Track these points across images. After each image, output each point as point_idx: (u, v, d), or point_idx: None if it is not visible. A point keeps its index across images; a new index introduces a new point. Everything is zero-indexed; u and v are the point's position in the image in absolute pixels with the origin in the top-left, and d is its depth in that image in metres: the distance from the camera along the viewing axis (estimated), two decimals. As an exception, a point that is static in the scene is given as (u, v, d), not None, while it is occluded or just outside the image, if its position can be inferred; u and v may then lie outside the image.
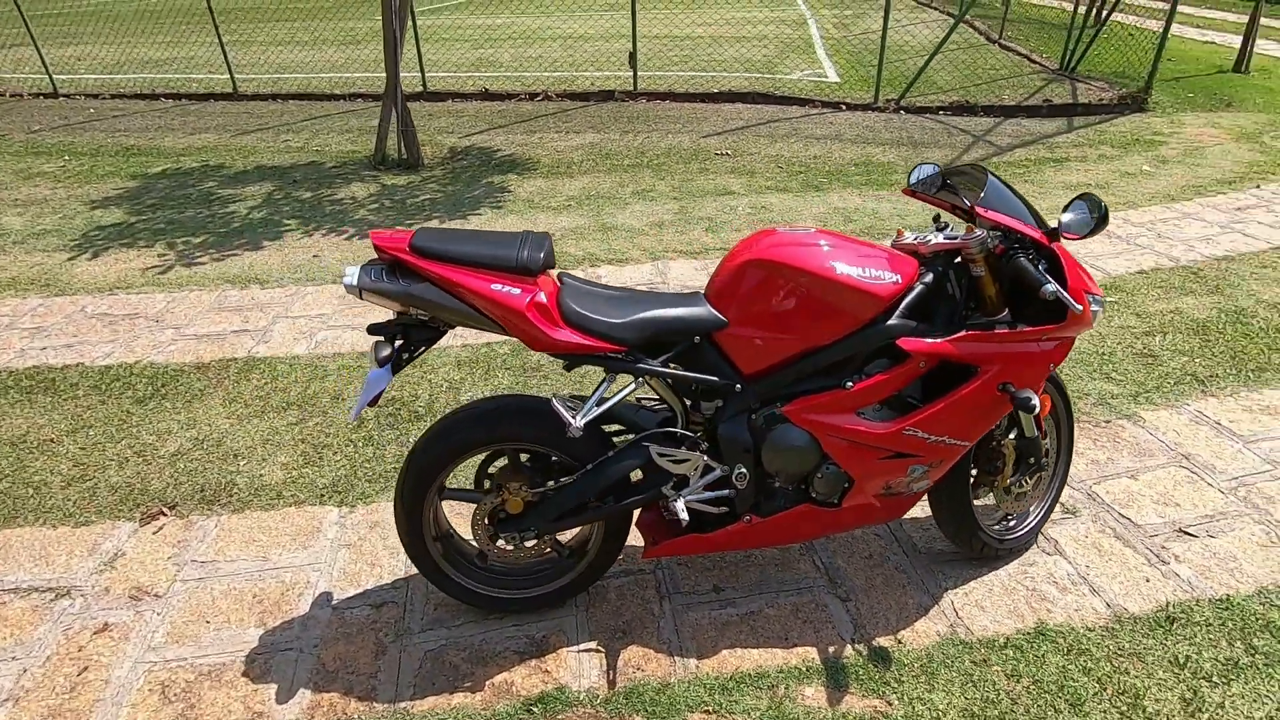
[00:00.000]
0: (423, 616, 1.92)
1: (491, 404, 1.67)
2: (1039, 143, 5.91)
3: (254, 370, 3.05)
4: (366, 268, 1.53)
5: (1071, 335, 1.70)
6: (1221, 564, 2.01)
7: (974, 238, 1.61)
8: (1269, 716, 1.61)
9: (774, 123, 6.58)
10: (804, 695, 1.69)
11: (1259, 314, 3.29)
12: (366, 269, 1.52)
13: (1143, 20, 7.65)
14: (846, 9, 14.60)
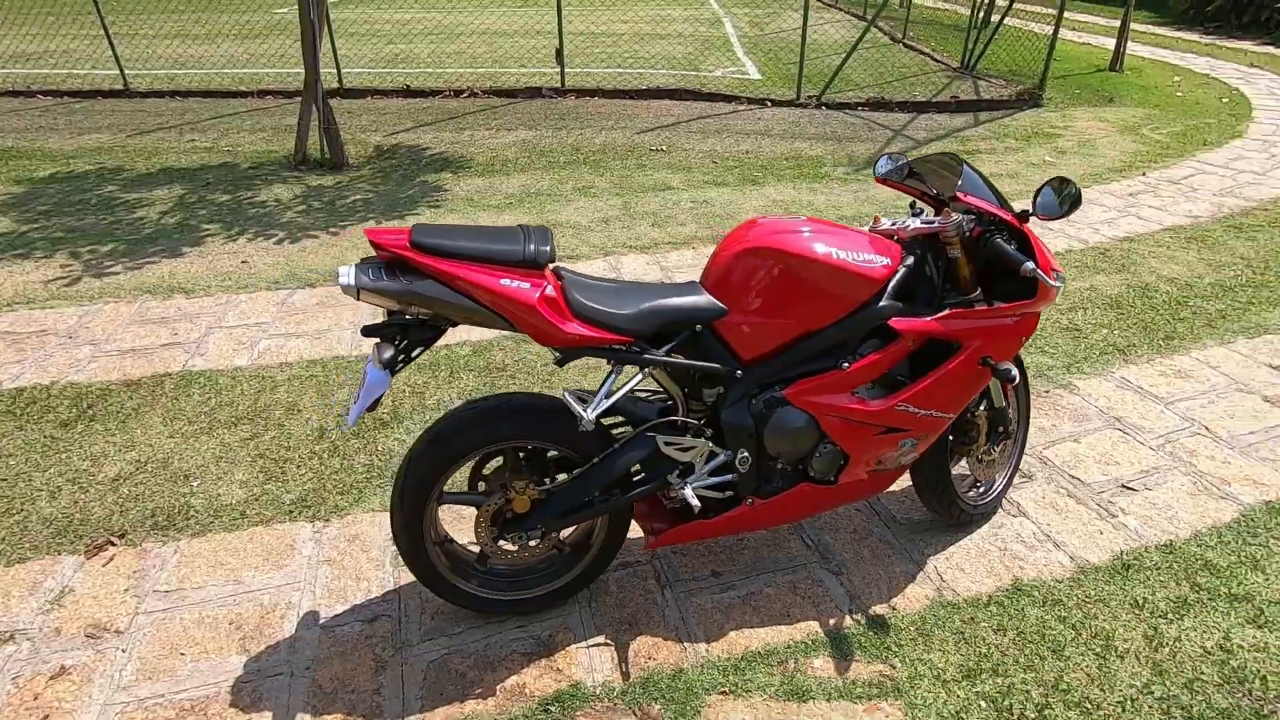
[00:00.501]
0: (420, 627, 1.86)
1: (493, 402, 1.63)
2: (951, 136, 6.29)
3: (193, 385, 2.85)
4: (363, 266, 1.46)
5: (1039, 310, 1.84)
6: (1161, 513, 2.21)
7: (951, 222, 1.71)
8: (1218, 644, 1.79)
9: (704, 119, 6.70)
10: (813, 667, 1.74)
11: (1160, 288, 3.63)
12: (363, 267, 1.45)
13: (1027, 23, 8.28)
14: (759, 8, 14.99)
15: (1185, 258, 3.96)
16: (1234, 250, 4.04)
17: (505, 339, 3.17)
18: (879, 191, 5.01)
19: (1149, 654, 1.77)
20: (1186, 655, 1.76)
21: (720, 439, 1.73)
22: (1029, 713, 1.63)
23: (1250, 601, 1.91)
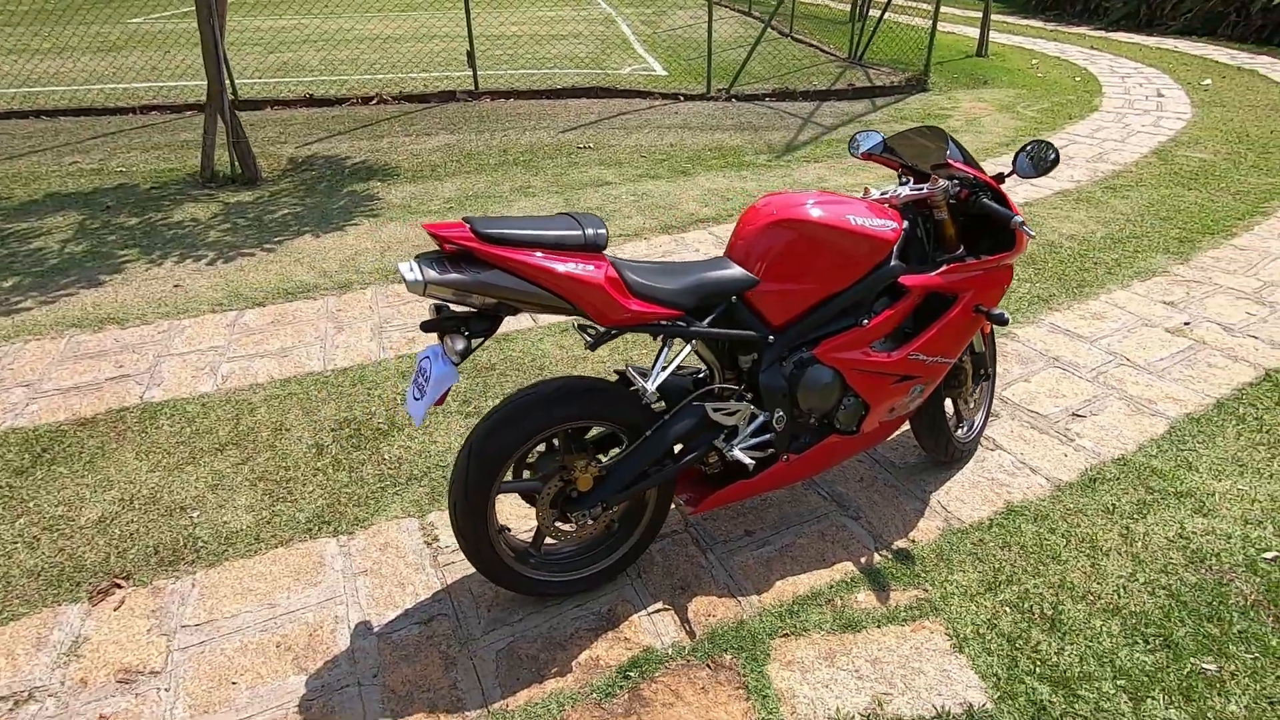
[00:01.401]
0: (479, 620, 1.87)
1: (551, 386, 1.67)
2: (854, 121, 6.73)
3: (159, 416, 2.67)
4: (426, 261, 1.47)
5: (1014, 260, 2.08)
6: (1108, 433, 2.54)
7: (938, 187, 1.92)
8: (1177, 533, 2.10)
9: (624, 115, 6.82)
10: (857, 601, 1.90)
11: (1064, 244, 4.09)
12: (427, 262, 1.46)
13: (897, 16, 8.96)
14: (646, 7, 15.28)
15: (1078, 216, 4.47)
16: (1115, 208, 4.60)
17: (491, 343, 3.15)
18: (803, 175, 5.31)
19: (1127, 549, 2.05)
20: (1156, 546, 2.06)
21: (759, 401, 1.85)
22: (1046, 610, 1.85)
23: (1193, 496, 2.24)
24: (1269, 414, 2.62)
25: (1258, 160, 5.38)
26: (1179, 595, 1.89)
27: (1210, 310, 3.34)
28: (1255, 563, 1.99)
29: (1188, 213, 4.46)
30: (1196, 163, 5.36)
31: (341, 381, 2.88)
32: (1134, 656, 1.72)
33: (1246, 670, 1.68)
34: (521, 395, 1.68)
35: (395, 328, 3.27)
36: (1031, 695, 1.64)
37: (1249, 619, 1.82)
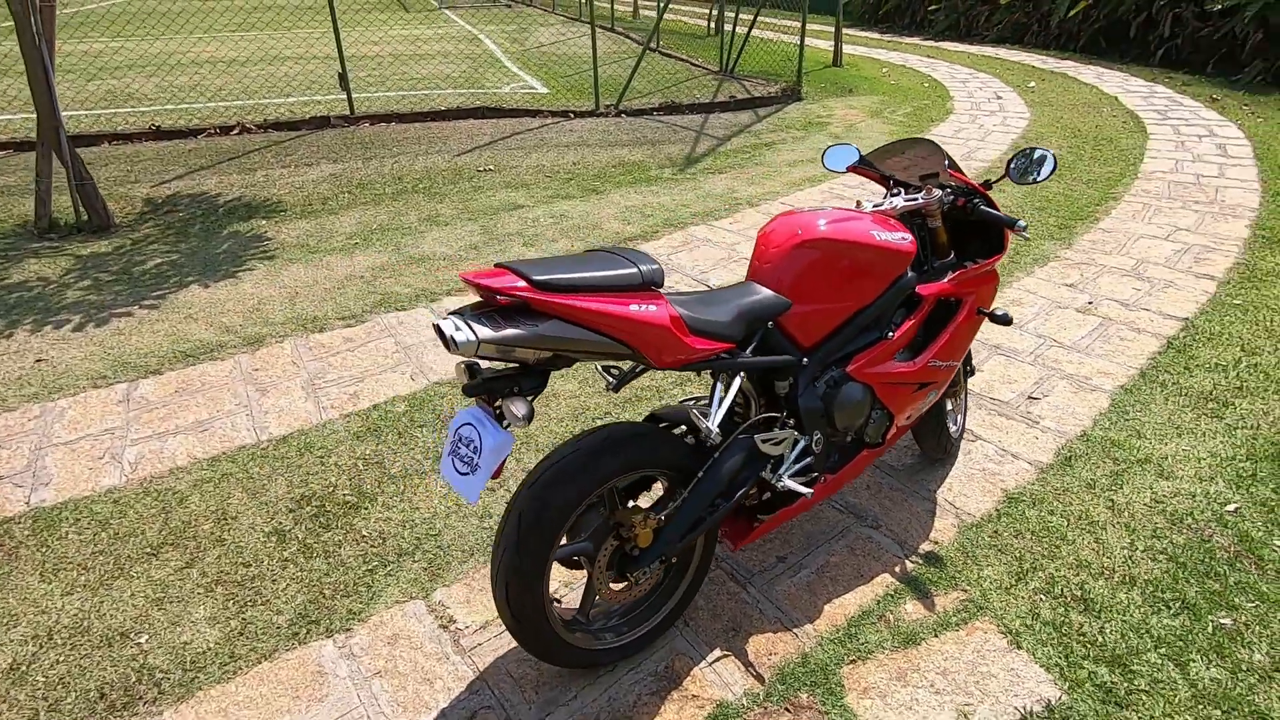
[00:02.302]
0: (530, 706, 1.67)
1: (599, 437, 1.52)
2: (745, 132, 6.95)
3: (58, 524, 2.21)
4: (472, 317, 1.28)
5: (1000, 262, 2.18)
6: (1064, 412, 2.74)
7: (933, 197, 1.97)
8: (1152, 499, 2.28)
9: (518, 135, 6.62)
10: (907, 613, 1.90)
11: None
12: (474, 319, 1.28)
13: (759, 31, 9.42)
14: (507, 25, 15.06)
15: (969, 212, 4.86)
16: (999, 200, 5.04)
17: (439, 389, 2.90)
18: (712, 186, 5.39)
19: (1118, 520, 2.20)
20: (1140, 513, 2.23)
21: (800, 426, 1.80)
22: (1075, 592, 1.94)
23: (1151, 461, 2.46)
24: (1182, 378, 2.93)
25: (1095, 152, 6.12)
26: (1176, 558, 2.05)
27: (1104, 289, 3.73)
28: (1223, 517, 2.20)
29: (1057, 202, 4.98)
30: (1047, 157, 6.01)
31: (284, 453, 2.52)
32: (1164, 623, 1.84)
33: (1256, 619, 1.84)
34: (569, 450, 1.52)
35: (331, 383, 2.93)
36: (1095, 679, 1.70)
37: (1238, 570, 2.00)
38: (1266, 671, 1.71)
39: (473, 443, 1.37)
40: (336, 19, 6.42)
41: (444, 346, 1.29)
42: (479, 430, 1.36)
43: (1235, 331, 3.26)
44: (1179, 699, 1.65)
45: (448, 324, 1.27)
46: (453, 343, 1.25)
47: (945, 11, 13.90)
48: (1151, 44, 10.37)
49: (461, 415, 1.42)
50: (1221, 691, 1.66)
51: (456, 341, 1.24)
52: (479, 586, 1.99)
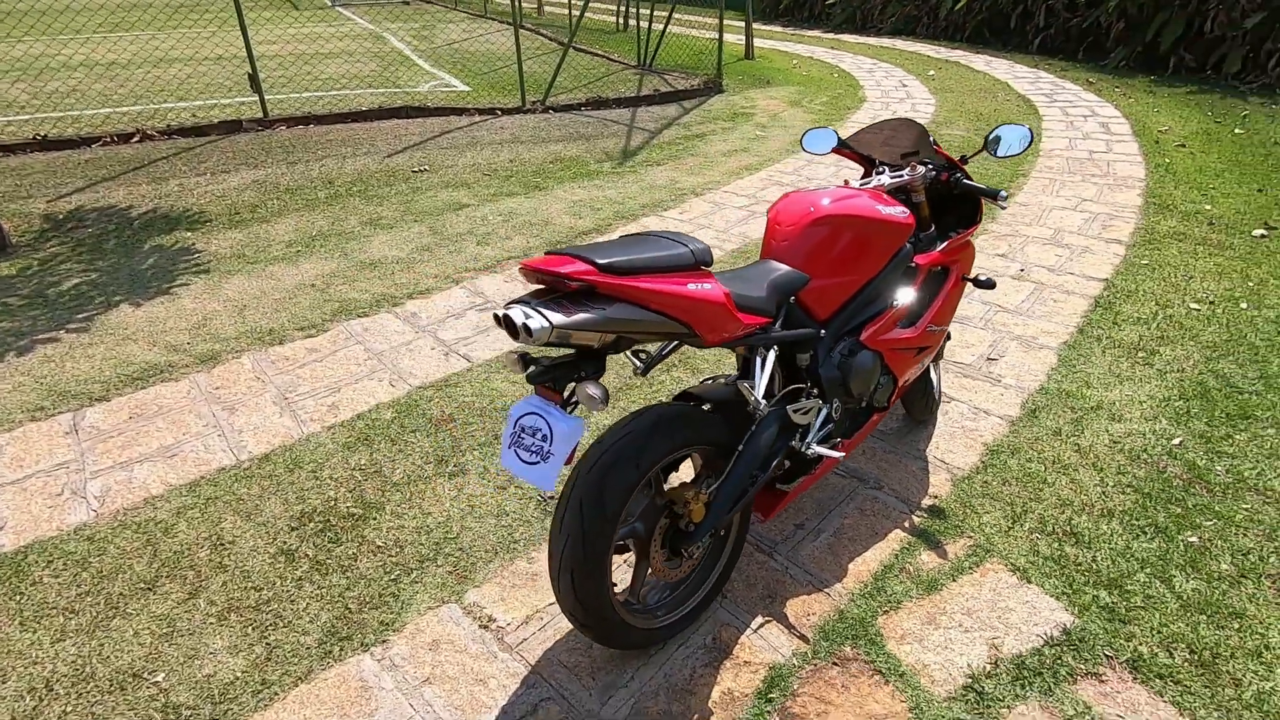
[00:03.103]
0: (590, 692, 1.68)
1: (649, 418, 1.54)
2: (675, 124, 7.06)
3: (28, 569, 2.01)
4: (534, 304, 1.28)
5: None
6: (1020, 370, 2.97)
7: (918, 174, 2.10)
8: (1111, 440, 2.53)
9: (448, 134, 6.45)
10: (924, 562, 2.03)
11: (901, 217, 4.68)
12: (535, 305, 1.27)
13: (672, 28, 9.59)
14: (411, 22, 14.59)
15: (899, 192, 5.15)
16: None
17: (424, 394, 2.82)
18: (655, 178, 5.45)
19: (1085, 461, 2.42)
20: (1103, 453, 2.46)
21: (822, 395, 1.88)
22: (1064, 528, 2.13)
23: (1101, 406, 2.72)
24: (1113, 332, 3.24)
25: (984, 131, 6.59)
26: (1141, 489, 2.28)
27: (1032, 257, 4.05)
28: (1172, 450, 2.46)
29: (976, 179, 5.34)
30: (959, 139, 6.43)
31: (271, 471, 2.39)
32: (1143, 546, 2.05)
33: (1216, 534, 2.08)
34: (623, 434, 1.53)
35: (305, 395, 2.79)
36: (1098, 601, 1.88)
37: (1193, 495, 2.25)
38: (1234, 578, 1.94)
39: (539, 431, 1.36)
40: (243, 16, 6.04)
41: (510, 336, 1.28)
42: (547, 418, 1.36)
43: (1148, 288, 3.62)
44: (1170, 609, 1.85)
45: (516, 312, 1.26)
46: (525, 330, 1.24)
47: (842, 5, 14.55)
48: (1029, 33, 11.25)
49: (522, 405, 1.41)
50: (1202, 599, 1.87)
51: (531, 329, 1.24)
52: (510, 584, 1.97)
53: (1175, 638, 1.77)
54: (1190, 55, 8.99)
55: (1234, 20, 8.36)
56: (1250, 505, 2.19)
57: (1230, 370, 2.91)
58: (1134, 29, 9.59)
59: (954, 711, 1.62)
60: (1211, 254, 3.98)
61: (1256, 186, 4.98)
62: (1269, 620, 1.80)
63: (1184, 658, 1.72)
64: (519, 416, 1.40)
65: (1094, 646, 1.75)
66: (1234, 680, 1.66)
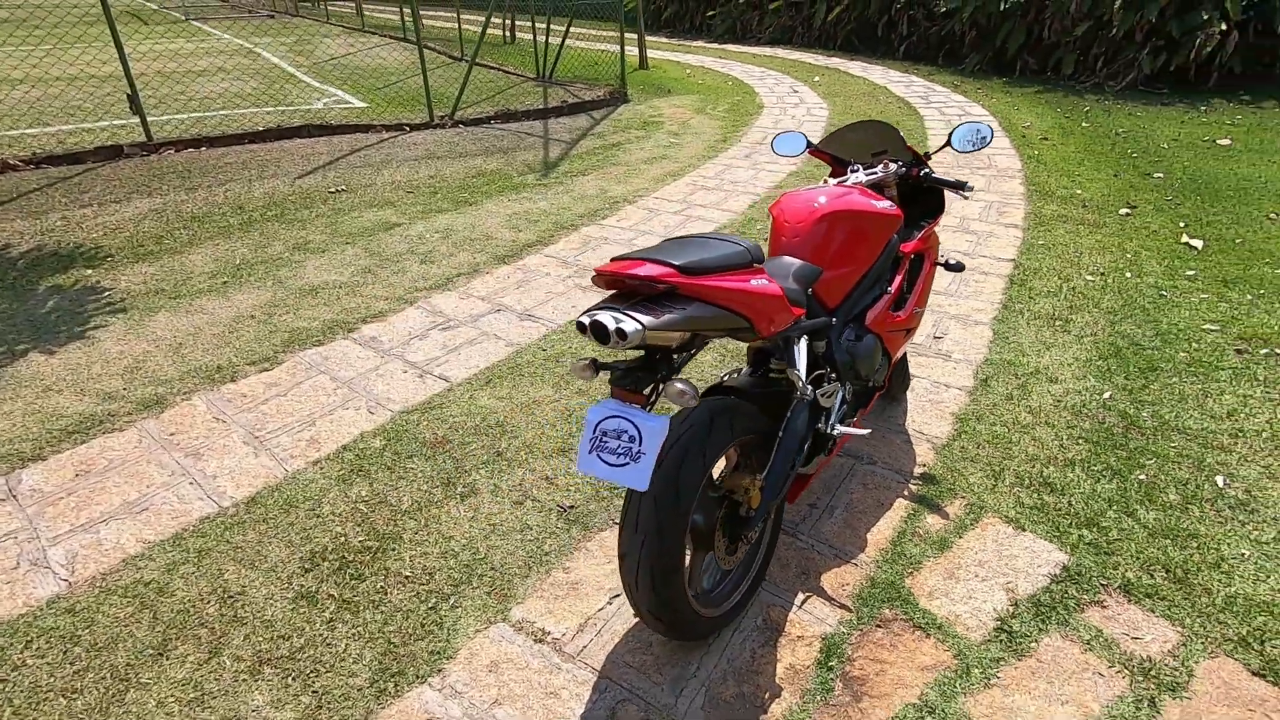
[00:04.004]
0: (662, 688, 1.71)
1: (703, 413, 1.59)
2: (589, 134, 7.13)
3: (2, 654, 1.78)
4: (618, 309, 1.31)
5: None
6: (965, 345, 3.27)
7: (890, 171, 2.28)
8: (1055, 398, 2.84)
9: (359, 152, 6.19)
10: (930, 525, 2.20)
11: (825, 214, 4.98)
12: (620, 310, 1.30)
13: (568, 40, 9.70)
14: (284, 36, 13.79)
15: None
16: (833, 180, 5.73)
17: (409, 418, 2.73)
18: (584, 188, 5.50)
19: (1040, 420, 2.71)
20: (1051, 412, 2.76)
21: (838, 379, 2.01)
22: (1038, 479, 2.38)
23: (1038, 370, 3.04)
24: (1031, 305, 3.63)
25: (889, 133, 7.15)
26: (1090, 439, 2.59)
27: (948, 244, 4.44)
28: (1105, 403, 2.80)
29: (881, 176, 5.78)
30: (856, 139, 6.91)
31: (264, 514, 2.24)
32: (1106, 487, 2.33)
33: (1159, 471, 2.40)
34: (685, 428, 1.58)
35: (277, 432, 2.63)
36: (1083, 539, 2.12)
37: (1131, 439, 2.58)
38: (1182, 505, 2.24)
39: (625, 433, 1.39)
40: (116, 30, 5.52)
41: (599, 341, 1.30)
42: (632, 420, 1.39)
43: (1049, 265, 4.08)
44: (1141, 538, 2.12)
45: (605, 317, 1.29)
46: (619, 334, 1.27)
47: (722, 17, 15.18)
48: (894, 41, 12.22)
49: (599, 410, 1.43)
50: (1163, 526, 2.16)
51: (625, 332, 1.27)
52: (553, 595, 1.96)
53: (1152, 561, 2.03)
54: (1032, 59, 10.11)
55: (1066, 28, 9.49)
56: (1177, 444, 2.54)
57: (1132, 330, 3.34)
58: (984, 37, 10.65)
59: (992, 652, 1.79)
60: (1091, 232, 4.53)
61: (1112, 172, 5.71)
62: (1218, 536, 2.11)
63: (1162, 577, 1.98)
64: (598, 421, 1.43)
65: (1090, 578, 1.99)
66: (1205, 590, 1.93)
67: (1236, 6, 8.01)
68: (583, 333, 1.33)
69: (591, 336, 1.31)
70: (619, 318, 1.29)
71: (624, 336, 1.27)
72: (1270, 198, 4.97)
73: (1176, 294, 3.66)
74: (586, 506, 2.29)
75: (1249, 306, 3.49)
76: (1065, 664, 1.75)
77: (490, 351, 3.18)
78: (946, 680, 1.72)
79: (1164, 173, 5.61)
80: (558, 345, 3.23)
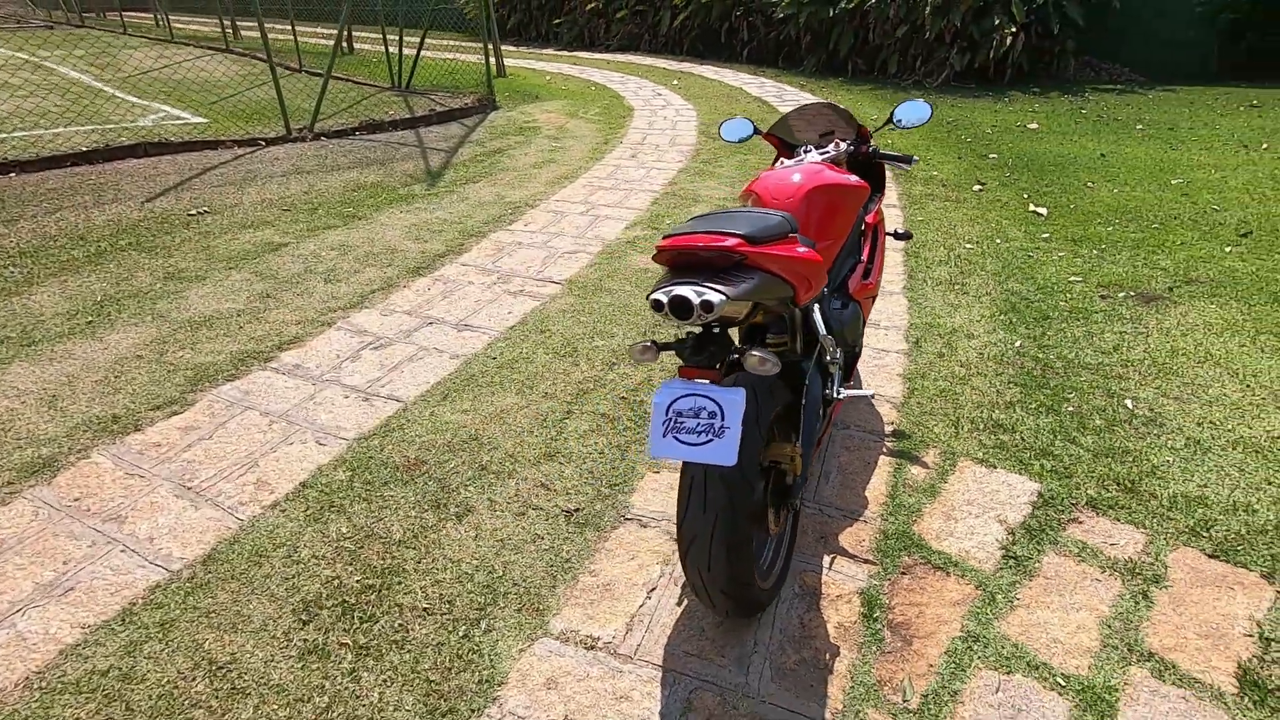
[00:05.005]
0: (727, 668, 1.70)
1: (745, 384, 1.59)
2: (467, 143, 6.88)
3: None
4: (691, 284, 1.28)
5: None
6: (889, 312, 3.52)
7: (842, 150, 2.42)
8: (979, 352, 3.14)
9: (213, 170, 5.54)
10: (916, 475, 2.36)
11: (714, 202, 5.17)
12: (693, 284, 1.28)
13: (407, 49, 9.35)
14: (73, 49, 12.05)
15: (707, 183, 5.65)
16: (719, 174, 5.95)
17: (371, 444, 2.49)
18: (480, 196, 5.31)
19: (972, 371, 2.98)
20: (978, 363, 3.04)
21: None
22: (989, 422, 2.62)
23: (956, 329, 3.35)
24: (930, 273, 3.99)
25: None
26: (1018, 382, 2.89)
27: (841, 225, 4.76)
28: (1018, 349, 3.14)
29: (756, 168, 6.08)
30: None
31: (231, 570, 1.95)
32: (1044, 421, 2.61)
33: (1080, 399, 2.73)
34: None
35: (213, 480, 2.30)
36: (1044, 467, 2.36)
37: (1050, 376, 2.91)
38: (1108, 427, 2.57)
39: (704, 410, 1.37)
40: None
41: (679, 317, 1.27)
42: (712, 396, 1.36)
43: (934, 237, 4.50)
44: (1086, 458, 2.40)
45: (687, 291, 1.26)
46: (704, 307, 1.25)
47: (568, 25, 15.27)
48: (736, 47, 12.93)
49: (668, 392, 1.40)
50: (1101, 447, 2.46)
51: (713, 303, 1.25)
52: (588, 600, 1.88)
53: (1104, 478, 2.31)
54: (861, 60, 11.12)
55: (888, 32, 10.53)
56: (1085, 378, 2.90)
57: (1017, 287, 3.77)
58: (818, 41, 11.56)
59: (1007, 578, 1.95)
60: (957, 207, 5.06)
61: (956, 155, 6.41)
62: (1143, 450, 2.44)
63: (1116, 490, 2.26)
64: (669, 403, 1.39)
65: (1061, 500, 2.22)
66: (1151, 495, 2.23)
67: (1021, 11, 9.30)
68: (658, 310, 1.29)
69: (669, 313, 1.28)
70: (700, 290, 1.27)
71: (710, 309, 1.25)
72: (1082, 169, 5.82)
73: (1040, 254, 4.18)
74: (592, 507, 2.21)
75: (1098, 259, 4.06)
76: (1067, 577, 1.95)
77: (436, 366, 2.98)
78: (978, 610, 1.85)
79: (996, 154, 6.39)
80: (507, 352, 3.09)
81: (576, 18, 15.05)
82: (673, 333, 3.22)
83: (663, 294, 1.27)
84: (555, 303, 3.57)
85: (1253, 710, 1.58)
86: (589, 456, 2.43)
